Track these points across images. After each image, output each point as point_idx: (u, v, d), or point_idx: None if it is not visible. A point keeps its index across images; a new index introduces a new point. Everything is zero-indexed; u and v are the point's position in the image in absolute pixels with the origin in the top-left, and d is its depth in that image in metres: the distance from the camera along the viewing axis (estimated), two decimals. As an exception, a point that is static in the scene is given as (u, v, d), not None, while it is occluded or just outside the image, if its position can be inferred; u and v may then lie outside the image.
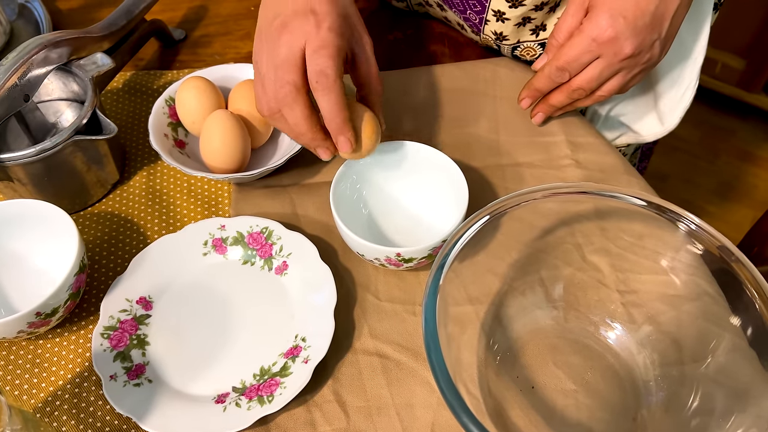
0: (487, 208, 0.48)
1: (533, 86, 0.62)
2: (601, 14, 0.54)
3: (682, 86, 0.71)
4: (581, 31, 0.55)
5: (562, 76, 0.58)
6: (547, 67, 0.59)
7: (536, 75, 0.61)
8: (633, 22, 0.54)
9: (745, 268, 0.44)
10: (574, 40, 0.56)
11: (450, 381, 0.40)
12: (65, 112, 0.65)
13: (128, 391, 0.50)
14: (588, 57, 0.56)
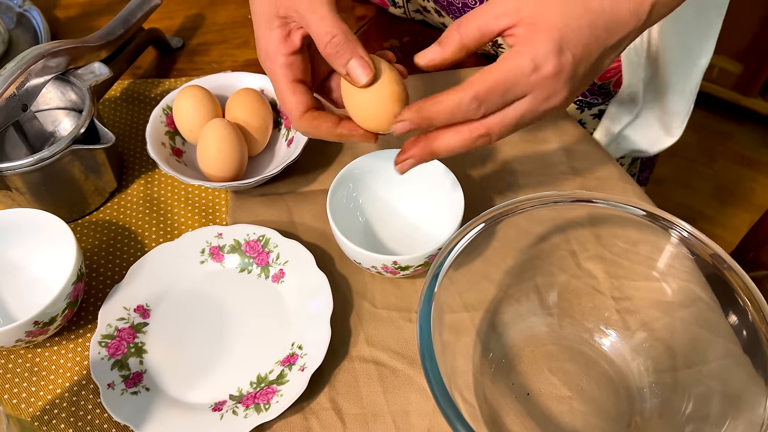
0: (482, 216, 0.48)
1: (426, 112, 0.43)
2: (548, 39, 0.41)
3: (689, 97, 0.72)
4: (518, 53, 0.41)
5: (476, 111, 0.42)
6: (459, 93, 0.41)
7: (436, 98, 0.42)
8: (577, 65, 0.42)
9: (737, 276, 0.44)
10: (507, 65, 0.41)
11: (444, 389, 0.40)
12: (63, 121, 0.65)
13: (126, 399, 0.50)
14: (518, 92, 0.41)
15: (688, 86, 0.72)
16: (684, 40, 0.68)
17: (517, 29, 0.42)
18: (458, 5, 0.68)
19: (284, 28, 0.46)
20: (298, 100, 0.47)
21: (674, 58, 0.69)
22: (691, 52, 0.70)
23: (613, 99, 0.75)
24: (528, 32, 0.41)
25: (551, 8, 0.41)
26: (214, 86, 0.66)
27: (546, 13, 0.41)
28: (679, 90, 0.72)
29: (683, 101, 0.73)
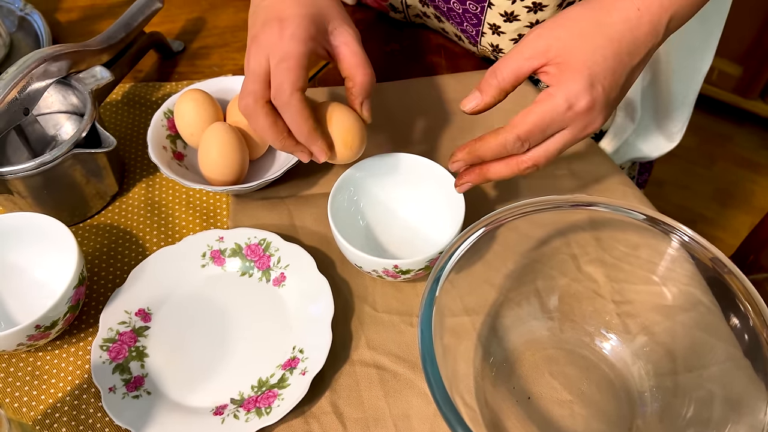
0: (483, 220, 0.49)
1: (476, 152, 0.49)
2: (578, 77, 0.45)
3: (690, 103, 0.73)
4: (551, 95, 0.45)
5: (520, 148, 0.47)
6: (503, 135, 0.47)
7: (484, 140, 0.48)
8: (608, 93, 0.46)
9: (738, 280, 0.44)
10: (544, 106, 0.46)
11: (445, 393, 0.40)
12: (65, 124, 0.65)
13: (127, 403, 0.50)
14: (557, 127, 0.46)
15: (690, 91, 0.73)
16: (687, 45, 0.68)
17: (548, 68, 0.46)
18: (458, 11, 0.68)
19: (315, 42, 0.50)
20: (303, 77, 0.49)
21: (677, 64, 0.69)
22: (694, 57, 0.71)
23: (617, 109, 0.75)
24: (559, 71, 0.46)
25: (577, 45, 0.46)
26: (216, 90, 0.66)
27: (573, 50, 0.45)
28: (681, 96, 0.73)
29: (684, 107, 0.74)
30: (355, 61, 0.51)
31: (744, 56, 1.58)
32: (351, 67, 0.52)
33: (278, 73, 0.48)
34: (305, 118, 0.50)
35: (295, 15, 0.49)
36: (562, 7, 0.64)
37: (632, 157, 0.80)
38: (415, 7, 0.75)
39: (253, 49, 0.50)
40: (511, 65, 0.47)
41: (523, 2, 0.63)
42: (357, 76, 0.52)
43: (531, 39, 0.47)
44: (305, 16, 0.49)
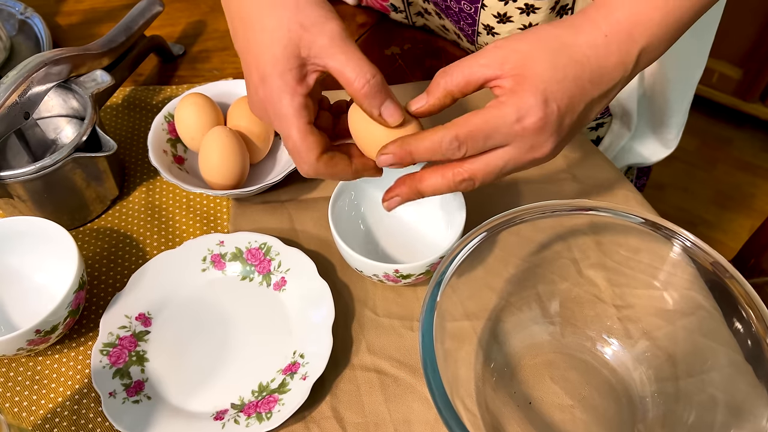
0: (484, 225, 0.48)
1: (408, 147, 0.43)
2: (533, 90, 0.41)
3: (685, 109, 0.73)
4: (502, 103, 0.41)
5: (456, 151, 0.42)
6: (440, 131, 0.42)
7: (417, 136, 0.43)
8: (562, 116, 0.42)
9: (739, 284, 0.44)
10: (491, 112, 0.42)
11: (446, 399, 0.40)
12: (65, 128, 0.65)
13: (127, 408, 0.50)
14: (499, 139, 0.42)
15: (685, 98, 0.74)
16: (680, 53, 0.68)
17: (503, 81, 0.42)
18: (455, 9, 0.68)
19: (301, 69, 0.43)
20: (316, 142, 0.44)
21: (671, 72, 0.70)
22: (688, 65, 0.71)
23: (613, 117, 0.76)
24: (514, 84, 0.42)
25: (536, 60, 0.42)
26: (216, 94, 0.66)
27: (531, 65, 0.42)
28: (676, 103, 0.73)
29: (680, 113, 0.74)
30: (344, 78, 0.43)
31: (744, 59, 1.58)
32: (346, 84, 0.43)
33: (292, 153, 0.45)
34: (340, 173, 0.46)
35: (272, 73, 0.43)
36: (554, 11, 0.64)
37: (629, 162, 0.80)
38: (416, 3, 0.75)
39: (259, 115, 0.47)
40: (463, 69, 0.43)
41: (515, 3, 0.63)
42: (353, 92, 0.44)
43: (489, 47, 0.43)
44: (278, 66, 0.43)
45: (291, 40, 0.42)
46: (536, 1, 0.62)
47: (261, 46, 0.43)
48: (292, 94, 0.43)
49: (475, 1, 0.65)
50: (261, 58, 0.43)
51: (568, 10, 0.65)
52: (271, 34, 0.43)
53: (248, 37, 0.44)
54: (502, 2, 0.63)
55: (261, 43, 0.43)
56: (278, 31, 0.42)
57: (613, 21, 0.42)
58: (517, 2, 0.63)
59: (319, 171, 0.45)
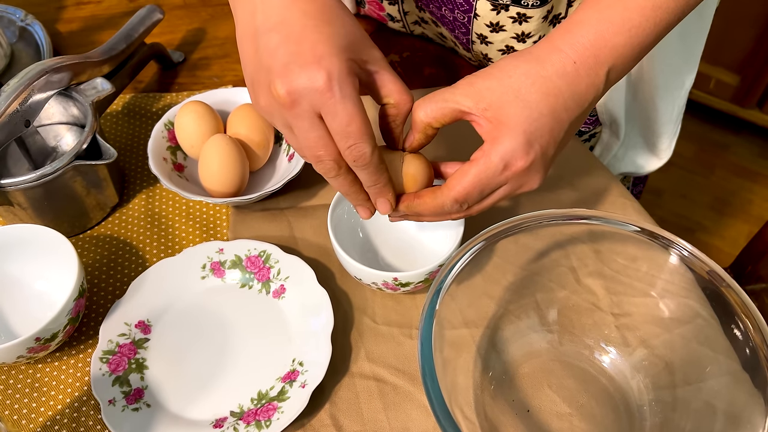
0: (483, 234, 0.49)
1: (415, 209, 0.48)
2: (514, 135, 0.42)
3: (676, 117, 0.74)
4: (486, 154, 0.43)
5: (458, 209, 0.46)
6: (440, 197, 0.45)
7: (422, 198, 0.47)
8: (546, 151, 0.44)
9: (735, 293, 0.45)
10: (479, 167, 0.43)
11: (445, 407, 0.40)
12: (65, 135, 0.65)
13: (127, 415, 0.50)
14: (494, 186, 0.45)
15: (675, 107, 0.74)
16: (669, 63, 0.69)
17: (481, 120, 0.44)
18: (450, 18, 0.69)
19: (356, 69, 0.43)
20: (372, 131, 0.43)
21: (660, 81, 0.70)
22: (677, 74, 0.72)
23: (603, 126, 0.76)
24: (494, 128, 0.43)
25: (511, 101, 0.43)
26: (216, 101, 0.66)
27: (506, 107, 0.43)
28: (666, 112, 0.73)
29: (670, 123, 0.75)
30: (399, 87, 0.45)
31: (741, 65, 1.58)
32: (395, 92, 0.45)
33: (350, 139, 0.42)
34: (383, 173, 0.45)
35: (332, 55, 0.41)
36: (547, 20, 0.64)
37: (623, 172, 0.81)
38: (413, 13, 0.75)
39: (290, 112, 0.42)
40: (437, 102, 0.45)
41: (507, 12, 0.63)
42: (402, 103, 0.46)
43: (462, 83, 0.45)
44: (341, 54, 0.41)
45: (355, 40, 0.43)
46: (528, 11, 0.63)
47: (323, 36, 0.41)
48: (353, 81, 0.42)
49: (468, 11, 0.65)
50: (321, 44, 0.41)
51: (561, 19, 0.65)
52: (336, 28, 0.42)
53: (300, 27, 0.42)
54: (495, 11, 0.64)
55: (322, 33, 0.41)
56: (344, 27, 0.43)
57: (579, 47, 0.43)
58: (509, 11, 0.63)
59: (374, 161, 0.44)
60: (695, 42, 0.71)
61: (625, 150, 0.79)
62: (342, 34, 0.42)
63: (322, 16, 0.42)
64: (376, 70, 0.45)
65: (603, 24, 0.44)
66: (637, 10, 0.44)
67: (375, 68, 0.45)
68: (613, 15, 0.44)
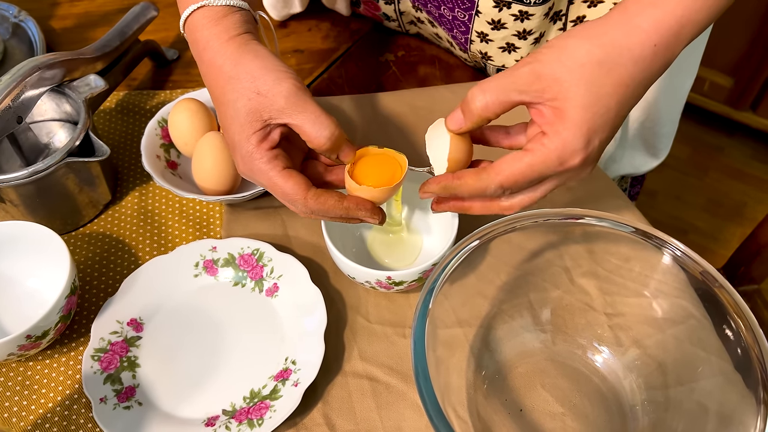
0: (477, 233, 0.49)
1: (453, 191, 0.46)
2: (577, 132, 0.41)
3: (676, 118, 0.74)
4: (545, 147, 0.41)
5: (501, 194, 0.44)
6: (485, 179, 0.43)
7: (463, 179, 0.45)
8: (602, 146, 0.43)
9: (728, 294, 0.45)
10: (534, 157, 0.42)
11: (438, 406, 0.40)
12: (58, 132, 0.65)
13: (118, 414, 0.50)
14: (545, 178, 0.44)
15: (676, 108, 0.74)
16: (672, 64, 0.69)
17: (543, 108, 0.42)
18: (449, 18, 0.69)
19: (264, 130, 0.45)
20: (296, 182, 0.46)
21: (662, 83, 0.70)
22: (679, 75, 0.72)
23: None
24: (556, 118, 0.41)
25: (580, 93, 0.40)
26: (209, 99, 0.65)
27: (574, 98, 0.40)
28: (667, 113, 0.74)
29: (670, 123, 0.75)
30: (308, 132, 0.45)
31: (735, 68, 1.59)
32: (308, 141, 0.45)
33: (283, 201, 0.47)
34: (332, 208, 0.46)
35: (240, 142, 0.45)
36: (548, 17, 0.64)
37: (620, 173, 0.81)
38: (408, 13, 0.75)
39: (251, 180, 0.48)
40: (499, 94, 0.42)
41: (509, 10, 0.63)
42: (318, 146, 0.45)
43: (526, 73, 0.42)
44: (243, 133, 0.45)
45: (251, 108, 0.45)
46: (530, 8, 0.63)
47: (230, 117, 0.46)
48: (260, 151, 0.45)
49: (470, 9, 0.65)
50: (232, 127, 0.46)
51: (562, 16, 0.65)
52: (234, 105, 0.45)
53: (221, 112, 0.47)
54: (497, 9, 0.64)
55: (228, 116, 0.46)
56: (239, 102, 0.45)
57: (665, 27, 0.41)
58: (511, 9, 0.63)
59: (310, 207, 0.46)
60: (697, 44, 0.71)
61: (623, 151, 0.80)
62: (239, 110, 0.45)
63: (225, 95, 0.46)
64: (283, 123, 0.45)
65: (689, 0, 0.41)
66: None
67: (281, 121, 0.45)
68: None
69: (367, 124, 0.70)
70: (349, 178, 0.48)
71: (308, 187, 0.46)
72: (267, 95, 0.45)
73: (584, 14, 0.64)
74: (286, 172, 0.46)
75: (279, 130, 0.46)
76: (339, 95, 0.73)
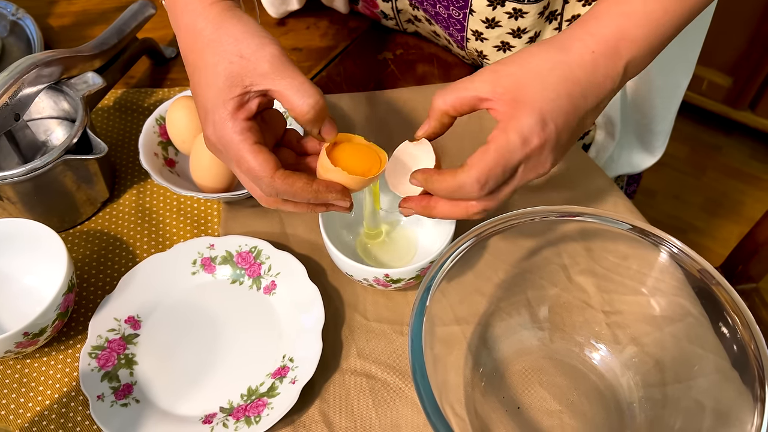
0: (474, 230, 0.49)
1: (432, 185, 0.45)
2: (529, 112, 0.42)
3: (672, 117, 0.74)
4: (504, 131, 0.42)
5: (479, 191, 0.43)
6: (461, 176, 0.43)
7: (443, 175, 0.44)
8: (560, 134, 0.43)
9: (725, 291, 0.45)
10: (498, 143, 0.42)
11: (435, 404, 0.40)
12: (56, 130, 0.65)
13: (115, 411, 0.50)
14: (515, 164, 0.43)
15: (672, 106, 0.75)
16: (667, 63, 0.69)
17: (497, 104, 0.43)
18: (444, 16, 0.69)
19: (243, 97, 0.44)
20: (266, 159, 0.43)
21: (658, 81, 0.71)
22: (675, 74, 0.72)
23: (597, 127, 0.77)
24: (510, 108, 0.43)
25: (528, 82, 0.43)
26: (208, 97, 0.66)
27: (523, 87, 0.43)
28: (663, 111, 0.74)
29: (666, 121, 0.76)
30: (292, 99, 0.43)
31: (734, 67, 1.59)
32: (290, 109, 0.44)
33: (249, 176, 0.44)
34: (301, 189, 0.44)
35: (214, 107, 0.43)
36: (543, 16, 0.64)
37: (619, 173, 0.82)
38: (406, 11, 0.75)
39: (216, 154, 0.47)
40: (457, 91, 0.44)
41: (503, 8, 0.63)
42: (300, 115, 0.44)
43: (482, 70, 0.45)
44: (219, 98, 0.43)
45: (232, 71, 0.43)
46: (524, 6, 0.63)
47: (206, 83, 0.44)
48: (233, 120, 0.43)
49: (464, 7, 0.65)
50: (207, 93, 0.44)
51: (557, 15, 0.65)
52: (214, 68, 0.44)
53: (195, 78, 0.45)
54: (491, 7, 0.64)
55: (206, 79, 0.44)
56: (219, 65, 0.43)
57: (600, 38, 0.44)
58: (505, 7, 0.63)
59: (277, 186, 0.44)
60: (693, 43, 0.71)
61: (620, 150, 0.80)
62: (219, 73, 0.43)
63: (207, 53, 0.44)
64: (264, 90, 0.44)
65: (623, 17, 0.44)
66: (658, 3, 0.44)
67: (263, 88, 0.44)
68: (634, 8, 0.44)
69: (365, 122, 0.70)
70: (326, 156, 0.46)
71: (277, 166, 0.44)
72: (250, 59, 0.43)
73: (579, 13, 0.65)
74: (257, 146, 0.44)
75: (257, 101, 0.44)
76: (337, 93, 0.73)
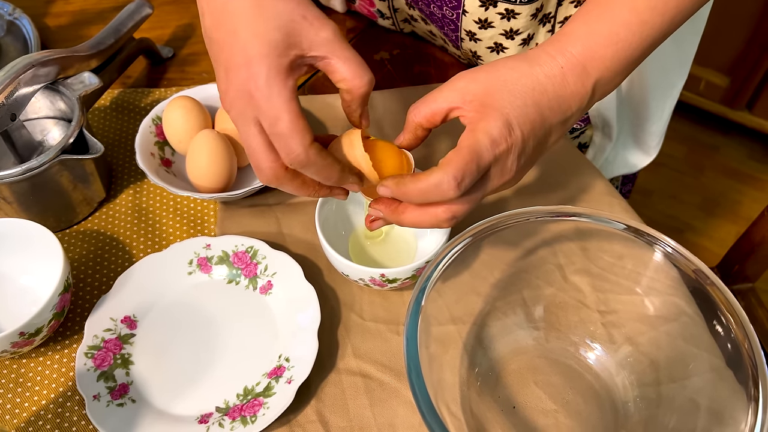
0: (470, 230, 0.49)
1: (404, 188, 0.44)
2: (496, 116, 0.42)
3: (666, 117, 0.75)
4: (473, 131, 0.42)
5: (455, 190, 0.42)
6: (436, 175, 0.42)
7: (414, 177, 0.43)
8: (526, 141, 0.43)
9: (720, 291, 0.45)
10: (468, 141, 0.42)
11: (430, 404, 0.40)
12: (52, 130, 0.65)
13: (112, 411, 0.50)
14: (486, 163, 0.42)
15: (666, 106, 0.75)
16: (661, 64, 0.70)
17: (465, 111, 0.44)
18: (438, 16, 0.69)
19: (295, 60, 0.42)
20: (306, 127, 0.42)
21: (652, 81, 0.71)
22: (669, 74, 0.72)
23: (594, 129, 0.77)
24: (478, 113, 0.43)
25: (496, 89, 0.43)
26: (204, 97, 0.66)
27: (491, 93, 0.43)
28: (657, 110, 0.74)
29: (661, 121, 0.76)
30: (350, 71, 0.43)
31: (731, 67, 1.59)
32: (347, 78, 0.43)
33: (280, 139, 0.41)
34: (329, 166, 0.43)
35: (262, 56, 0.40)
36: (536, 18, 0.64)
37: (616, 174, 0.82)
38: (402, 10, 0.75)
39: (237, 119, 0.43)
40: (428, 103, 0.45)
41: (496, 9, 0.64)
42: (355, 88, 0.44)
43: (451, 79, 0.45)
44: (272, 53, 0.41)
45: (293, 29, 0.41)
46: (516, 7, 0.63)
47: (253, 34, 0.41)
48: (285, 79, 0.41)
49: (457, 8, 0.65)
50: (251, 43, 0.41)
51: (551, 17, 0.65)
52: (268, 22, 0.41)
53: (235, 25, 0.42)
54: (483, 8, 0.64)
55: (254, 30, 0.41)
56: (278, 19, 0.41)
57: (569, 55, 0.44)
58: (497, 8, 0.63)
59: (309, 157, 0.42)
60: (688, 44, 0.71)
61: (617, 151, 0.80)
62: (275, 27, 0.41)
63: (256, 10, 0.41)
64: (323, 56, 0.43)
65: (591, 36, 0.45)
66: (624, 25, 0.44)
67: (322, 53, 0.42)
68: (600, 28, 0.45)
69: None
70: (360, 140, 0.45)
71: (313, 139, 0.42)
72: (314, 23, 0.42)
73: (572, 15, 0.65)
74: (301, 113, 0.42)
75: (304, 70, 0.43)
76: (334, 93, 0.73)
